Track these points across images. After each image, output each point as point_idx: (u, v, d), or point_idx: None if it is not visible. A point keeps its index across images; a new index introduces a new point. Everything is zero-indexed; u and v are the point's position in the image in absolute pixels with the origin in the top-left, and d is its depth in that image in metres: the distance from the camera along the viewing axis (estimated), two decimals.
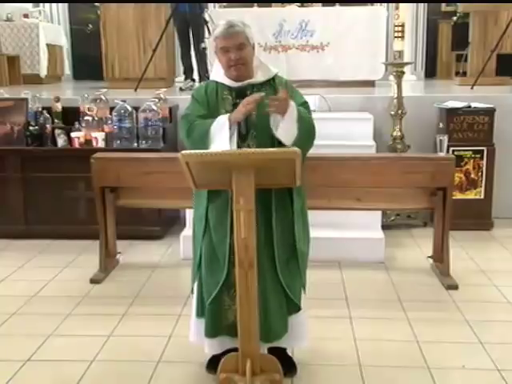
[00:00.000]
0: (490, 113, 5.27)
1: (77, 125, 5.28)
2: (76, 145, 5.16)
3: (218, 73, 2.80)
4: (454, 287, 4.04)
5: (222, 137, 2.64)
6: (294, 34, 7.23)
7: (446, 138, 4.29)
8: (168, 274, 4.33)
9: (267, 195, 2.70)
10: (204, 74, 6.85)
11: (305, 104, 2.82)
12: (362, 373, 2.97)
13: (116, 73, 7.57)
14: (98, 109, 5.29)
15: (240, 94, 2.73)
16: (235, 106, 2.71)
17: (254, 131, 2.71)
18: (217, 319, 2.79)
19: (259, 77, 2.77)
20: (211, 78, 2.87)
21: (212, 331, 2.81)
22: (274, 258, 2.74)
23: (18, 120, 5.36)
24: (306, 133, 2.71)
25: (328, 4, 7.95)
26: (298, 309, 2.84)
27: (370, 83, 7.33)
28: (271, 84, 2.77)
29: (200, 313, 2.86)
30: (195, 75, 7.19)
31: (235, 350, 2.70)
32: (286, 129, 2.65)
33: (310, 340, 3.01)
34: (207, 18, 6.69)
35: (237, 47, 2.66)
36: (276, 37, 7.22)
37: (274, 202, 2.72)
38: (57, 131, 5.31)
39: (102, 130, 5.17)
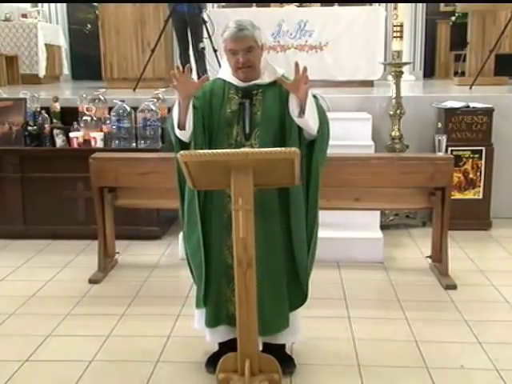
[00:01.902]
0: (488, 113, 5.28)
1: (75, 125, 5.28)
2: (74, 145, 5.16)
3: (225, 71, 2.82)
4: (453, 287, 4.04)
5: (174, 111, 2.72)
6: (292, 34, 7.23)
7: (444, 138, 4.30)
8: (167, 274, 4.32)
9: (283, 192, 2.74)
10: (203, 73, 6.85)
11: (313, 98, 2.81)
12: (361, 372, 2.98)
13: (114, 73, 7.57)
14: (96, 109, 5.30)
15: (246, 93, 2.75)
16: (241, 105, 2.73)
17: (258, 131, 2.73)
18: (217, 310, 2.83)
19: (265, 78, 2.79)
20: (219, 75, 2.88)
21: (213, 321, 2.86)
22: (294, 252, 2.79)
23: (17, 120, 5.36)
24: (325, 121, 2.76)
25: (327, 4, 7.95)
26: (304, 300, 2.88)
27: (369, 83, 7.33)
28: (277, 85, 2.78)
29: (198, 304, 2.92)
30: (194, 75, 7.20)
31: (235, 341, 2.72)
32: (310, 113, 2.66)
33: (308, 340, 3.02)
34: (206, 18, 6.69)
35: (245, 50, 2.67)
36: (275, 37, 7.22)
37: (291, 199, 2.76)
38: (55, 131, 5.32)
39: (101, 130, 5.17)
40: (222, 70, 2.87)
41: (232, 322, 2.76)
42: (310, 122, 2.67)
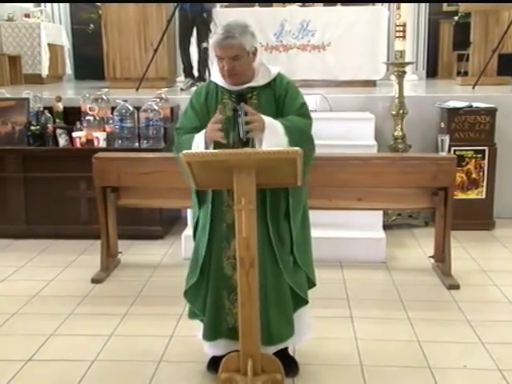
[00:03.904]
0: (491, 113, 5.27)
1: (78, 125, 5.28)
2: (77, 145, 5.17)
3: (218, 75, 2.77)
4: (456, 287, 4.04)
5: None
6: (295, 33, 7.23)
7: (447, 138, 4.30)
8: (169, 274, 4.32)
9: (262, 195, 2.69)
10: (203, 72, 6.87)
11: (302, 107, 2.76)
12: (364, 372, 2.97)
13: (117, 72, 7.57)
14: (99, 109, 5.31)
15: (240, 97, 2.70)
16: (235, 111, 2.67)
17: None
18: (216, 323, 2.80)
19: (259, 80, 2.74)
20: (212, 78, 2.86)
21: (211, 334, 2.83)
22: (276, 259, 2.74)
23: (20, 120, 5.37)
24: (300, 142, 2.61)
25: (329, 4, 7.95)
26: (305, 302, 2.85)
27: (372, 83, 7.33)
28: (272, 86, 2.75)
29: (192, 315, 2.92)
30: (195, 72, 7.20)
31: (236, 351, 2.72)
32: (271, 146, 2.59)
33: (311, 340, 3.01)
34: (209, 16, 6.71)
35: (231, 58, 2.62)
36: (277, 37, 7.22)
37: (268, 202, 2.71)
38: (58, 131, 5.32)
39: (104, 130, 5.18)
40: (215, 73, 2.81)
41: (232, 336, 2.74)
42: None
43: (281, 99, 2.74)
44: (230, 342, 2.79)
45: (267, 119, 2.63)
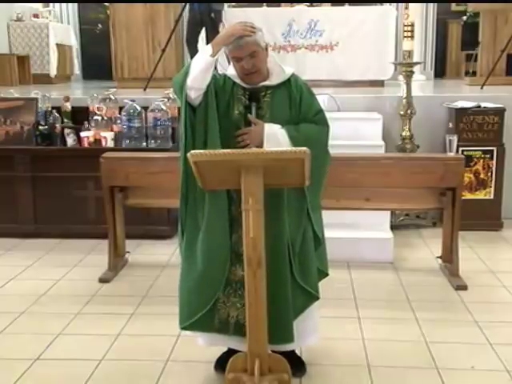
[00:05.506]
0: (499, 113, 5.25)
1: (86, 124, 5.30)
2: (85, 144, 5.18)
3: (233, 71, 2.77)
4: (463, 288, 4.03)
5: (197, 59, 2.65)
6: (303, 33, 7.23)
7: (455, 138, 4.28)
8: (176, 274, 4.29)
9: (279, 193, 2.69)
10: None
11: (317, 114, 2.77)
12: (371, 373, 2.97)
13: (125, 72, 7.59)
14: (107, 108, 5.32)
15: (254, 96, 2.72)
16: (247, 108, 2.70)
17: None
18: (209, 315, 2.76)
19: (274, 79, 2.75)
20: (228, 73, 2.84)
21: (203, 326, 2.79)
22: (289, 260, 2.73)
23: (28, 119, 5.39)
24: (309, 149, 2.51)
25: (337, 4, 7.93)
26: (316, 298, 2.83)
27: (379, 83, 7.32)
28: (286, 86, 2.76)
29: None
30: None
31: (233, 350, 2.75)
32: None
33: (318, 340, 3.00)
34: (220, 17, 6.73)
35: (249, 56, 2.64)
36: (285, 37, 7.22)
37: (285, 201, 2.71)
38: (66, 131, 5.34)
39: (111, 130, 5.19)
40: (231, 70, 2.80)
41: (223, 330, 2.74)
42: None
43: (296, 101, 2.74)
44: (219, 336, 2.78)
45: (268, 128, 2.66)
